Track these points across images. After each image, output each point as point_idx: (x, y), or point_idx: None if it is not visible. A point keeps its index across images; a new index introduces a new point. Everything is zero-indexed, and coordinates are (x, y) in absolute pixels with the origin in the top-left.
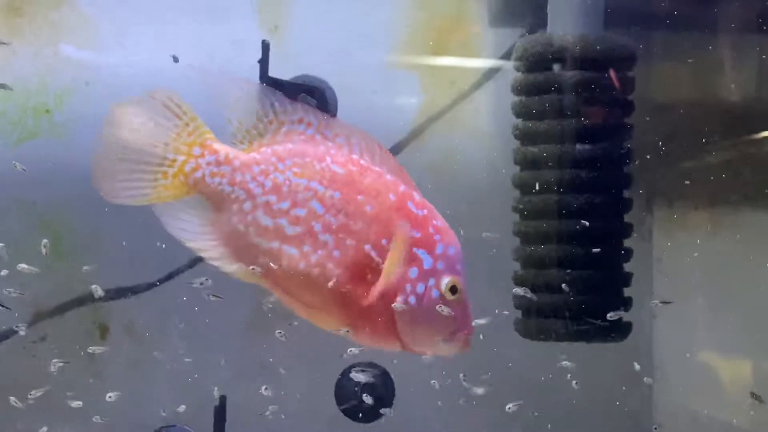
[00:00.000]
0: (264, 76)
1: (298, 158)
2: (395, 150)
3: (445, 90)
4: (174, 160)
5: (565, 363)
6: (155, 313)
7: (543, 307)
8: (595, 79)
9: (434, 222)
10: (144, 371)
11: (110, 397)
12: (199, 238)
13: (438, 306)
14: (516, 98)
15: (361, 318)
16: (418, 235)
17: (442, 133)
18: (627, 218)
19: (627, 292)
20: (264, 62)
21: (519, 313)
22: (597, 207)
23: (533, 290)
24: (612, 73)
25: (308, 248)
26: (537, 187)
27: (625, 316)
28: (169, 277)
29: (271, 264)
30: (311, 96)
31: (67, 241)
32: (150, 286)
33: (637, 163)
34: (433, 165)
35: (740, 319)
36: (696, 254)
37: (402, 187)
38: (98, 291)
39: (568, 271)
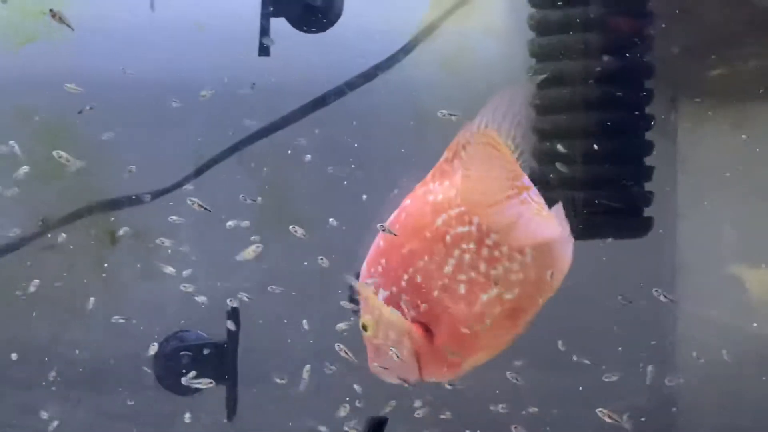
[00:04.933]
0: None
1: None
2: (407, 48)
3: None
4: None
5: None
6: (165, 221)
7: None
8: None
9: None
10: (155, 278)
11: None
12: None
13: None
14: None
15: None
16: None
17: (457, 27)
18: (649, 110)
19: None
20: None
21: None
22: (616, 98)
23: (548, 186)
24: None
25: None
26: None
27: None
28: (178, 185)
29: None
30: None
31: (71, 148)
32: (159, 193)
33: (662, 58)
34: (447, 61)
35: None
36: (722, 151)
37: None
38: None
39: (585, 165)
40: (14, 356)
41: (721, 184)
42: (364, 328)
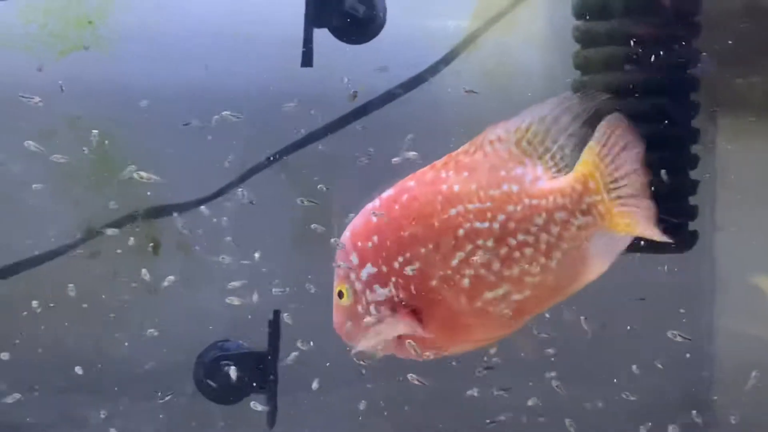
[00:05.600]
0: None
1: None
2: (450, 56)
3: None
4: None
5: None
6: (206, 229)
7: None
8: None
9: None
10: (196, 286)
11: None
12: None
13: None
14: None
15: None
16: None
17: (498, 38)
18: (695, 124)
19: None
20: None
21: None
22: (661, 111)
23: None
24: None
25: None
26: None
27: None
28: (219, 193)
29: None
30: (359, 1)
31: (117, 157)
32: (200, 202)
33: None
34: (489, 71)
35: None
36: (761, 163)
37: None
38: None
39: None
40: (78, 370)
41: (760, 196)
42: (341, 295)
